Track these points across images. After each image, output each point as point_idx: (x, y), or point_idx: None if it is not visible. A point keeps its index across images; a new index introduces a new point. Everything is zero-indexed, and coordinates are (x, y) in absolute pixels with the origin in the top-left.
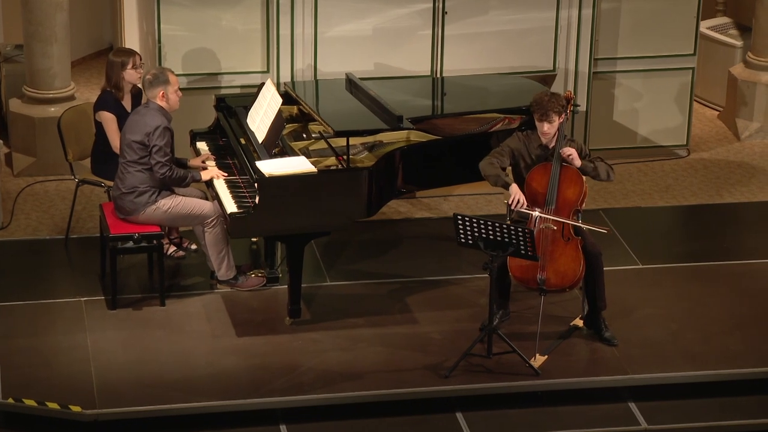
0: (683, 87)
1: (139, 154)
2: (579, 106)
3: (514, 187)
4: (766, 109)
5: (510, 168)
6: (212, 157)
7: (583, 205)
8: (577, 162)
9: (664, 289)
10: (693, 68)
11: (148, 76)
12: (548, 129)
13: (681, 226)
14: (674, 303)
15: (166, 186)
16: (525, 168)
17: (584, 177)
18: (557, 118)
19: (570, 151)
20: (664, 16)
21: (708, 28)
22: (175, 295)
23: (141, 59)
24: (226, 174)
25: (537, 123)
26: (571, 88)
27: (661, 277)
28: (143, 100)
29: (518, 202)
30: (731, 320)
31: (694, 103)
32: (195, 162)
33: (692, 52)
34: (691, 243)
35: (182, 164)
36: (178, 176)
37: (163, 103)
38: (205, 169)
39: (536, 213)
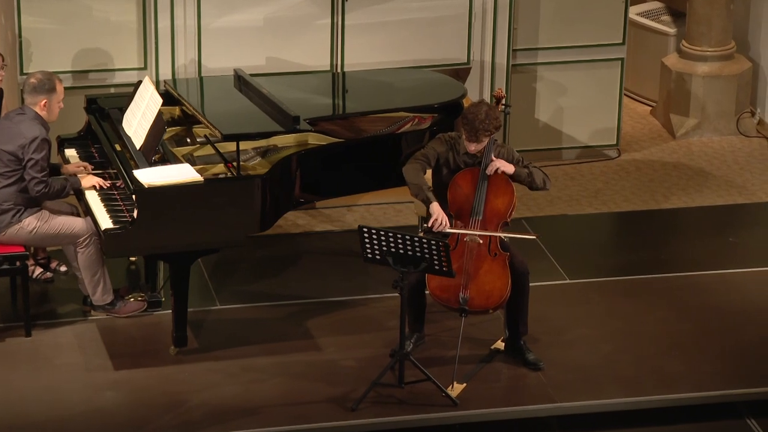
0: (612, 80)
1: (9, 167)
2: (510, 106)
3: (436, 207)
4: (703, 103)
5: (429, 172)
6: (89, 166)
7: (511, 216)
8: (509, 169)
9: (594, 306)
10: (622, 59)
11: (32, 80)
12: (475, 148)
13: (612, 236)
14: (605, 322)
15: (34, 202)
16: (448, 174)
17: (514, 185)
18: (487, 139)
19: (495, 166)
20: (589, 2)
21: (638, 15)
22: (43, 323)
23: (3, 60)
24: (108, 183)
25: (465, 140)
26: (488, 81)
27: (590, 294)
28: (3, 107)
29: (441, 223)
30: (669, 340)
31: (624, 98)
32: (70, 168)
33: (621, 41)
34: (623, 254)
35: (55, 170)
36: (55, 190)
37: (42, 113)
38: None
39: (462, 232)
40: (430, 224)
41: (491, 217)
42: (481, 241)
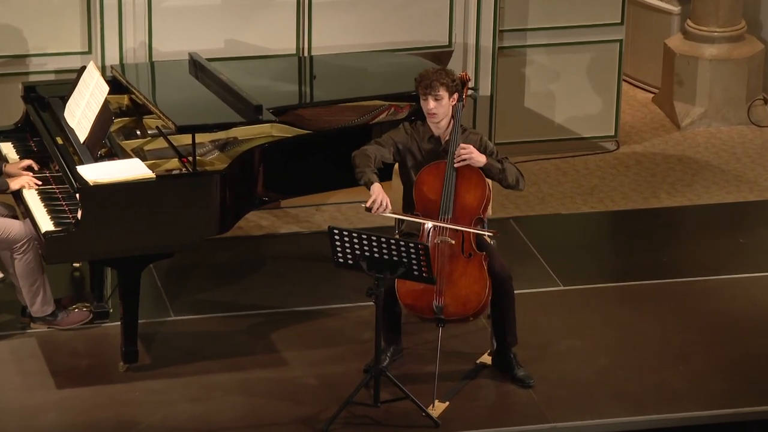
0: (609, 64)
1: None
2: (477, 90)
3: (376, 187)
4: (710, 89)
5: (397, 167)
6: (35, 165)
7: (487, 212)
8: (480, 159)
9: (591, 315)
10: (621, 41)
11: None
12: (434, 107)
13: (610, 237)
14: (603, 332)
15: None
16: (414, 167)
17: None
18: (446, 93)
19: (463, 155)
20: None
21: None
22: None
23: None
24: (40, 183)
25: (422, 101)
26: (471, 66)
27: (586, 301)
28: None
29: (380, 204)
30: (673, 352)
31: (623, 84)
32: (12, 168)
33: (619, 20)
34: (622, 257)
35: None
36: None
37: None
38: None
39: (405, 218)
40: (368, 205)
41: (462, 214)
42: (453, 241)
